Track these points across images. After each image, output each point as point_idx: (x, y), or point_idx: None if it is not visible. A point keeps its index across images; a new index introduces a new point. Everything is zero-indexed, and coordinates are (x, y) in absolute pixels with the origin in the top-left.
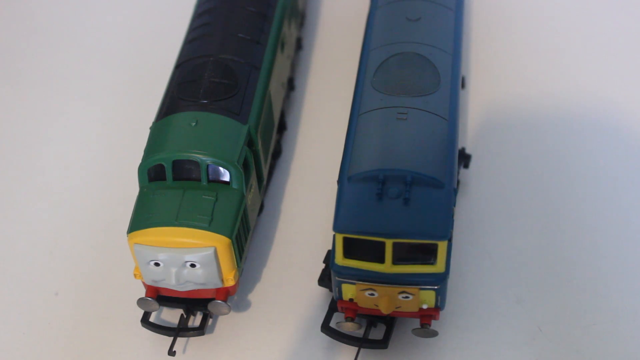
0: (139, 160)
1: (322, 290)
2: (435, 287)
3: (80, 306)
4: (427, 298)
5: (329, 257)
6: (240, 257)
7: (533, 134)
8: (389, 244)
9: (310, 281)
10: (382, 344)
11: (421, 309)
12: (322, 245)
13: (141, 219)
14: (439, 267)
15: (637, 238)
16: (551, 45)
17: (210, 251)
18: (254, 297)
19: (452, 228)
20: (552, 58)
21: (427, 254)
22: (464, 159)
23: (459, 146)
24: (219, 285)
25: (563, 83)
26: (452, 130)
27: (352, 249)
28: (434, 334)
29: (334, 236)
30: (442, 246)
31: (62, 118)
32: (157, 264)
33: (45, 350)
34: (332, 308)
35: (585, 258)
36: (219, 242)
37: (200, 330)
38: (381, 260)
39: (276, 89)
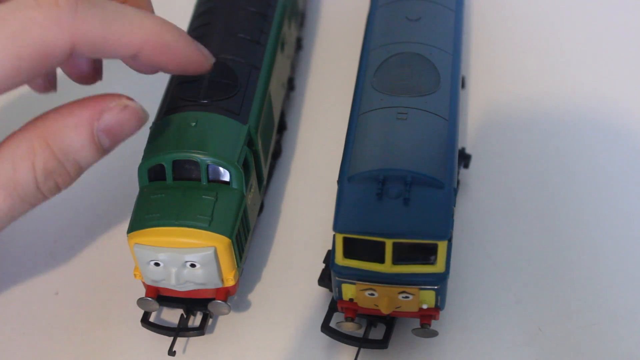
0: (139, 160)
1: (322, 290)
2: (435, 287)
3: (80, 306)
4: (427, 298)
5: (329, 257)
6: (240, 257)
7: (533, 134)
8: (389, 244)
9: (310, 281)
10: (382, 344)
11: (421, 309)
12: (322, 245)
13: (141, 219)
14: (439, 267)
15: (637, 238)
16: (551, 45)
17: (210, 251)
18: (254, 297)
19: (452, 228)
20: (552, 58)
21: (427, 254)
22: (464, 159)
23: (459, 146)
24: (219, 285)
25: (563, 82)
26: (452, 130)
27: (352, 249)
28: (434, 334)
29: (334, 236)
30: (442, 246)
31: None
32: (157, 264)
33: (45, 350)
34: (332, 308)
35: (585, 258)
36: (219, 242)
37: (200, 330)
38: (381, 260)
39: (276, 89)
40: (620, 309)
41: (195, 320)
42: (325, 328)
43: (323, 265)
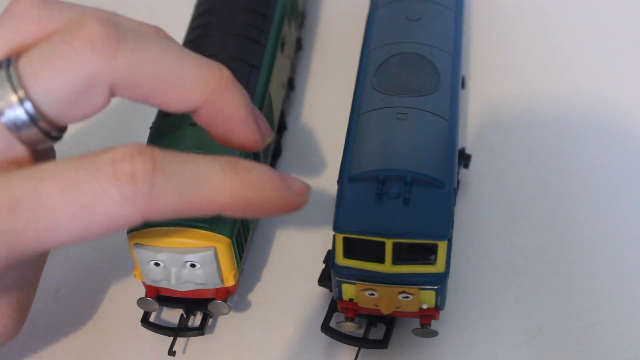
0: None
1: (322, 290)
2: (435, 287)
3: (80, 306)
4: (427, 298)
5: (329, 257)
6: (240, 257)
7: (533, 134)
8: (389, 244)
9: (310, 281)
10: (382, 344)
11: (421, 309)
12: (322, 245)
13: None
14: (438, 267)
15: (636, 238)
16: (551, 45)
17: (210, 251)
18: (254, 297)
19: (452, 228)
20: (552, 58)
21: (427, 253)
22: (464, 159)
23: (459, 146)
24: (219, 285)
25: (563, 83)
26: (452, 130)
27: (352, 249)
28: (434, 334)
29: (334, 236)
30: (442, 246)
31: None
32: (157, 264)
33: (45, 350)
34: (332, 308)
35: (585, 258)
36: (219, 242)
37: (200, 330)
38: (381, 260)
39: (276, 89)
40: (620, 309)
41: (195, 320)
42: (325, 328)
43: (323, 265)
